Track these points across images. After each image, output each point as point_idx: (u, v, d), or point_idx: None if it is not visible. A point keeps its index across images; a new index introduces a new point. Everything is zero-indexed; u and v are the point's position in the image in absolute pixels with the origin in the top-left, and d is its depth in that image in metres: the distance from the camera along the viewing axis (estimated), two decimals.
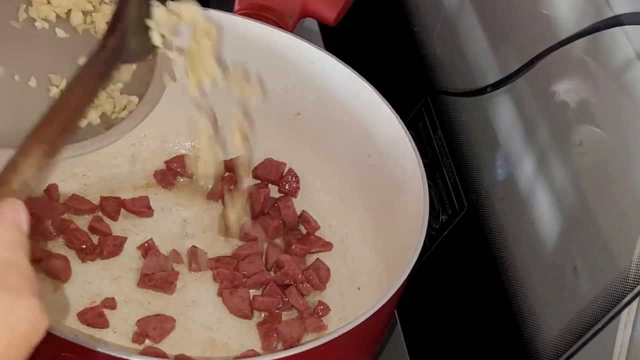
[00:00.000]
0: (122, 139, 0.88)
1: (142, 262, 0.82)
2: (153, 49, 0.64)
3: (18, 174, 0.46)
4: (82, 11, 0.73)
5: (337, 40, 1.08)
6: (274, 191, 0.90)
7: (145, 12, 0.63)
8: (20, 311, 0.41)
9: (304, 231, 0.88)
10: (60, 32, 0.72)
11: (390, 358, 0.91)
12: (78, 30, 0.73)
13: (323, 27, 1.12)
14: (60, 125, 0.50)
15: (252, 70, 0.88)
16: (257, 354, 0.77)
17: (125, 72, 0.70)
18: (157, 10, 0.63)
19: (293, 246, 0.86)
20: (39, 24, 0.73)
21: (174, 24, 0.65)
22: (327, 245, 0.87)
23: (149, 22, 0.63)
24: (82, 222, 0.84)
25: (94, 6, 0.74)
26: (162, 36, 0.64)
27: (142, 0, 0.63)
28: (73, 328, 0.76)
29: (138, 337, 0.77)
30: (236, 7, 0.89)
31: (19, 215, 0.44)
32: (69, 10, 0.73)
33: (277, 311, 0.81)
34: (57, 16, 0.73)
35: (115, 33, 0.61)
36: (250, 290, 0.82)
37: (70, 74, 0.71)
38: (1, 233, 0.43)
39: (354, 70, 0.84)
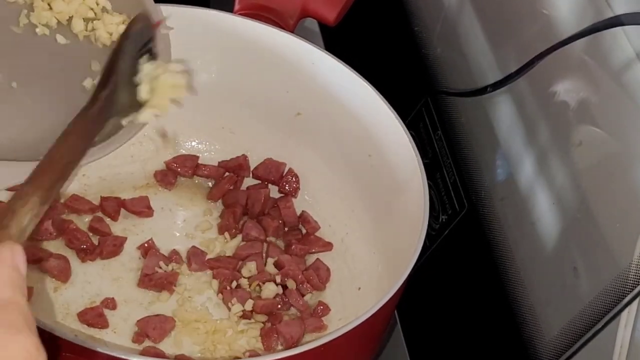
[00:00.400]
0: None
1: (142, 262, 0.82)
2: (140, 104, 0.66)
3: (16, 219, 0.49)
4: (84, 18, 0.73)
5: (337, 40, 1.08)
6: (274, 191, 0.90)
7: (134, 67, 0.66)
8: (16, 347, 0.43)
9: (304, 231, 0.88)
10: (60, 39, 0.72)
11: (390, 358, 0.91)
12: (79, 37, 0.73)
13: (323, 27, 1.12)
14: (56, 173, 0.53)
15: (252, 70, 0.88)
16: (257, 354, 0.77)
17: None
18: (146, 66, 0.66)
19: (293, 246, 0.86)
20: (39, 30, 0.73)
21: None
22: (327, 246, 0.87)
23: (137, 78, 0.65)
24: (82, 222, 0.84)
25: (95, 13, 0.74)
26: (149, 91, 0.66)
27: (132, 56, 0.65)
28: (73, 328, 0.76)
29: (138, 337, 0.77)
30: (236, 7, 0.89)
31: (18, 259, 0.46)
32: (71, 17, 0.73)
33: (277, 311, 0.81)
34: (58, 22, 0.73)
35: (108, 86, 0.63)
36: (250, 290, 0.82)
37: (69, 80, 0.71)
38: (1, 274, 0.45)
39: (354, 70, 0.84)
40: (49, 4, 0.73)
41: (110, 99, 0.63)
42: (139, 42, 0.67)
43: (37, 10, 0.73)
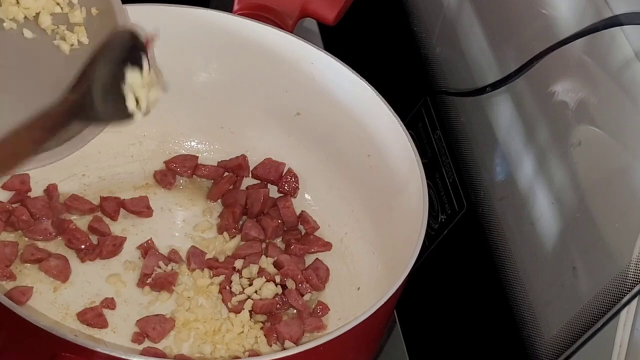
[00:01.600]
0: (122, 139, 0.89)
1: (141, 262, 0.82)
2: (128, 114, 0.62)
3: None
4: (51, 14, 0.73)
5: (337, 40, 1.08)
6: (273, 191, 0.90)
7: (115, 77, 0.61)
8: None
9: (303, 231, 0.88)
10: (27, 33, 0.72)
11: (389, 358, 0.91)
12: (47, 31, 0.73)
13: (323, 27, 1.12)
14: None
15: (252, 70, 0.88)
16: (256, 354, 0.77)
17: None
18: (131, 75, 0.62)
19: (292, 246, 0.86)
20: (7, 24, 0.73)
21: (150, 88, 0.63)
22: (327, 245, 0.87)
23: (124, 87, 0.61)
24: (82, 222, 0.84)
25: (62, 8, 0.74)
26: (137, 101, 0.62)
27: (109, 65, 0.61)
28: (73, 328, 0.77)
29: (137, 337, 0.77)
30: (235, 7, 0.89)
31: None
32: (38, 13, 0.73)
33: (276, 311, 0.81)
34: (25, 17, 0.73)
35: (78, 91, 0.61)
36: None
37: (36, 76, 0.71)
38: None
39: (353, 70, 0.84)
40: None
41: (79, 104, 0.60)
42: (118, 51, 0.63)
43: (5, 5, 0.72)
